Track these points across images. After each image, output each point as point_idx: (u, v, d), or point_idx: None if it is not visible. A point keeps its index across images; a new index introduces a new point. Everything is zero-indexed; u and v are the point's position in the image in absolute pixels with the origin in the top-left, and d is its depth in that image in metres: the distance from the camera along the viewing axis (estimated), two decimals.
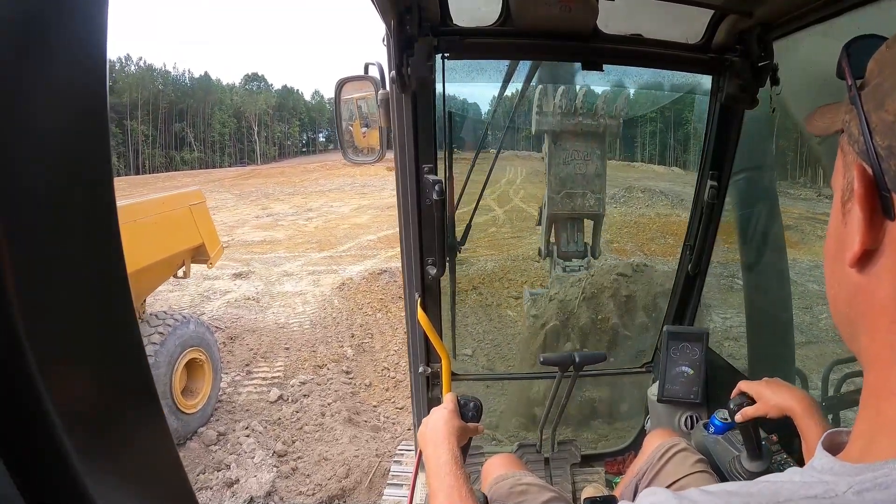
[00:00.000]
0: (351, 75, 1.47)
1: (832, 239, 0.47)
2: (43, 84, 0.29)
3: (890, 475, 0.36)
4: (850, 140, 0.43)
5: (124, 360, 0.37)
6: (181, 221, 4.40)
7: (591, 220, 2.48)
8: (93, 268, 0.34)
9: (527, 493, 1.25)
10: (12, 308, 0.28)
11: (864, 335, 0.43)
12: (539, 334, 3.74)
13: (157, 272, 4.36)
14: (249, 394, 5.04)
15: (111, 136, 0.37)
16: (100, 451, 0.35)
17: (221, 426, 4.42)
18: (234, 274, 8.77)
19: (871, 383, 0.43)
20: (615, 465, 2.03)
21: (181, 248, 4.44)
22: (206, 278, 8.16)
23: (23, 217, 0.29)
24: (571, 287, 3.80)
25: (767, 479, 0.43)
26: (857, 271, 0.42)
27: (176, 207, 4.37)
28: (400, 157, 1.46)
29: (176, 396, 4.12)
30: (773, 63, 1.36)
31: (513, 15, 1.27)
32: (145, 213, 4.07)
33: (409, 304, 1.69)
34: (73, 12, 0.30)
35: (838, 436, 0.48)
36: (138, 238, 3.89)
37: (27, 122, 0.29)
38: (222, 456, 4.06)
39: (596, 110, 2.29)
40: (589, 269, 3.18)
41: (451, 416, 0.98)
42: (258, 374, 5.40)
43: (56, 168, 0.31)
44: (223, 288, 8.06)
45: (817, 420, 1.03)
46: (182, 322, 4.31)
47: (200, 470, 3.90)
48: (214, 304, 7.34)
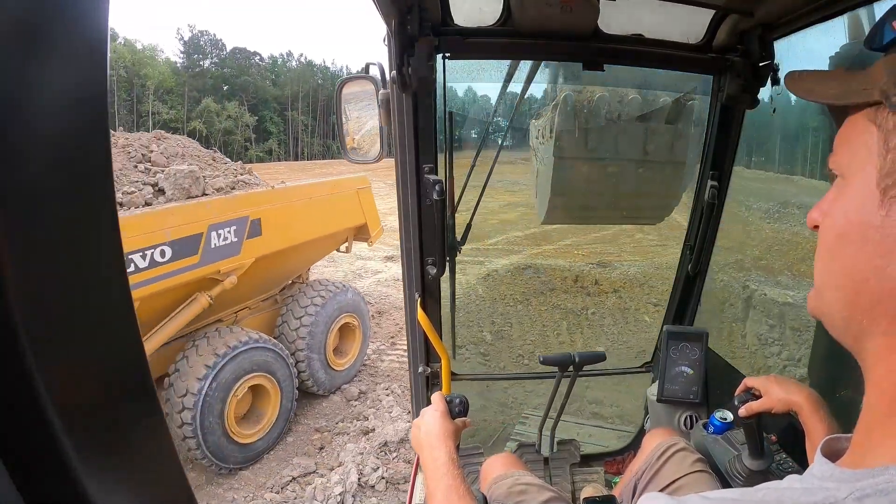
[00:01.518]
0: (351, 75, 1.47)
1: (854, 227, 0.41)
2: (43, 83, 0.29)
3: (891, 481, 0.35)
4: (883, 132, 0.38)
5: (124, 360, 0.37)
6: (348, 202, 5.04)
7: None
8: (93, 267, 0.34)
9: (526, 493, 1.25)
10: (12, 308, 0.28)
11: (881, 336, 0.40)
12: None
13: (323, 244, 5.08)
14: (392, 362, 5.59)
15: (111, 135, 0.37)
16: (99, 451, 0.35)
17: (363, 386, 5.02)
18: (386, 257, 9.51)
19: (878, 383, 0.41)
20: (615, 465, 2.03)
21: (346, 226, 5.10)
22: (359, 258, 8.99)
23: (22, 216, 0.29)
24: None
25: (768, 486, 0.42)
26: None
27: (345, 190, 5.05)
28: (400, 157, 1.46)
29: (328, 354, 4.82)
30: (773, 63, 1.36)
31: (514, 15, 1.26)
32: (319, 193, 4.74)
33: (409, 304, 1.69)
34: (74, 11, 0.30)
35: (837, 442, 0.47)
36: (311, 213, 4.56)
37: (27, 122, 0.29)
38: (361, 409, 4.62)
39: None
40: None
41: (443, 417, 1.00)
42: (401, 346, 5.84)
43: (56, 167, 0.31)
44: (374, 268, 8.94)
45: (823, 416, 1.00)
46: (341, 290, 5.04)
47: (340, 419, 4.51)
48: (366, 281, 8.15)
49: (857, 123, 0.42)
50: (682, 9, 1.29)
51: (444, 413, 1.01)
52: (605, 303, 6.49)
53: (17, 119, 0.28)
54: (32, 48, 0.28)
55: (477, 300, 7.02)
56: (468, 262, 8.75)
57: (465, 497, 0.82)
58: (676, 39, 1.42)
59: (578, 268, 7.58)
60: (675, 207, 1.89)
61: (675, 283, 1.89)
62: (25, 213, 0.29)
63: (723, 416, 1.44)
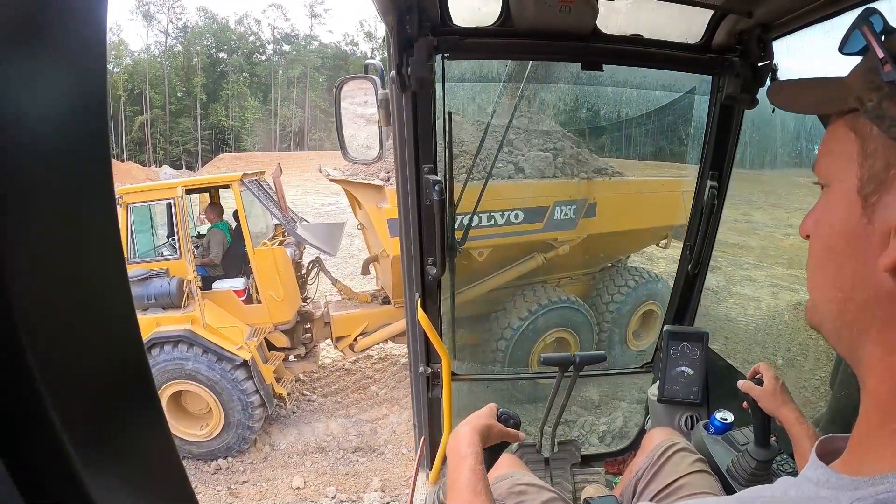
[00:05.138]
0: (351, 75, 1.47)
1: (840, 237, 0.42)
2: (42, 83, 0.29)
3: (891, 490, 0.34)
4: (880, 122, 0.38)
5: (125, 360, 0.37)
6: (673, 202, 5.22)
7: None
8: (93, 266, 0.34)
9: (526, 494, 1.25)
10: (12, 307, 0.28)
11: (871, 345, 0.40)
12: None
13: (645, 237, 5.57)
14: None
15: (110, 134, 0.37)
16: (100, 451, 0.35)
17: None
18: None
19: (874, 391, 0.40)
20: (615, 465, 2.03)
21: (668, 223, 5.39)
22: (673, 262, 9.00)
23: (22, 216, 0.29)
24: None
25: (762, 494, 0.42)
26: (892, 275, 0.37)
27: (672, 190, 5.34)
28: (400, 157, 1.46)
29: (628, 333, 5.29)
30: (772, 63, 1.36)
31: (512, 15, 1.26)
32: (649, 189, 5.32)
33: (410, 304, 1.69)
34: (74, 11, 0.30)
35: (832, 442, 0.45)
36: (640, 206, 5.06)
37: (27, 122, 0.29)
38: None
39: None
40: None
41: (485, 413, 0.96)
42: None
43: (56, 167, 0.31)
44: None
45: (808, 427, 1.07)
46: (653, 279, 5.45)
47: None
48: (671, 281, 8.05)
49: (837, 131, 0.42)
50: (680, 9, 1.29)
51: (489, 414, 0.97)
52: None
53: (17, 118, 0.28)
54: (31, 46, 0.28)
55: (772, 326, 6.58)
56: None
57: (481, 478, 0.83)
58: (675, 40, 1.43)
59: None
60: None
61: (675, 283, 1.89)
62: (25, 212, 0.29)
63: (723, 417, 1.44)
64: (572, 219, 4.57)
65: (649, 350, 3.04)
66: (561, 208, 4.49)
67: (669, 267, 8.93)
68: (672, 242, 5.71)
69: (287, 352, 5.10)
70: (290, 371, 5.15)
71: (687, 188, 5.14)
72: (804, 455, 1.04)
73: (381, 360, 5.91)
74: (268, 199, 5.00)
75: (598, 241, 4.89)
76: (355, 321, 5.23)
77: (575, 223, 4.60)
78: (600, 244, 5.03)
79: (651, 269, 6.27)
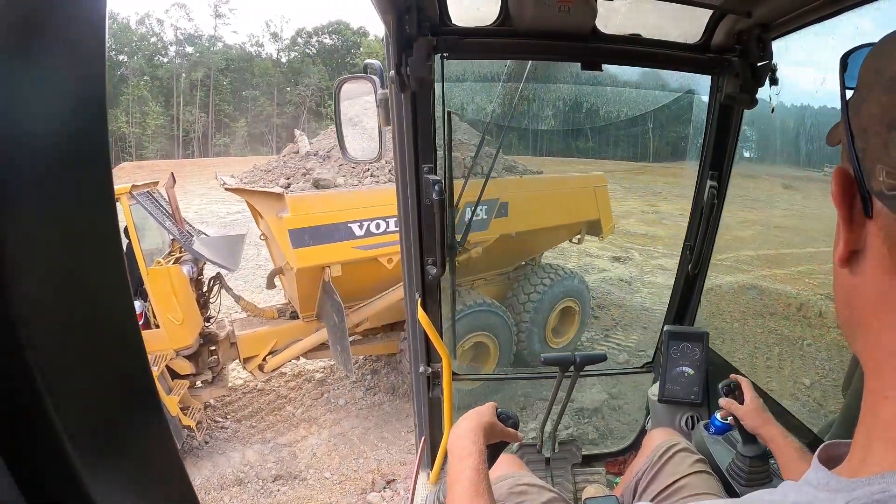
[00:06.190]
0: (350, 75, 1.47)
1: (843, 257, 0.46)
2: (42, 82, 0.29)
3: (887, 490, 0.34)
4: (842, 146, 0.44)
5: (125, 360, 0.37)
6: (585, 198, 5.41)
7: None
8: (93, 266, 0.34)
9: (526, 494, 1.25)
10: (12, 307, 0.28)
11: (861, 337, 0.43)
12: None
13: (559, 233, 5.59)
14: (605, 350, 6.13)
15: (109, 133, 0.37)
16: (100, 451, 0.35)
17: None
18: (613, 257, 9.87)
19: (869, 387, 0.42)
20: (616, 466, 2.03)
21: (581, 219, 5.48)
22: (587, 255, 9.38)
23: (22, 216, 0.29)
24: None
25: (763, 498, 0.42)
26: (849, 272, 0.42)
27: (584, 186, 5.49)
28: (399, 156, 1.46)
29: (547, 331, 5.28)
30: (771, 63, 1.36)
31: (511, 15, 1.27)
32: (560, 187, 5.35)
33: (410, 304, 1.69)
34: (73, 11, 0.30)
35: (835, 448, 0.46)
36: (552, 204, 5.05)
37: (27, 121, 0.28)
38: None
39: None
40: None
41: (486, 411, 0.97)
42: (615, 338, 6.28)
43: (56, 167, 0.31)
44: (601, 266, 9.24)
45: (793, 441, 1.09)
46: (569, 276, 5.47)
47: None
48: (590, 277, 8.32)
49: (842, 160, 0.47)
50: (679, 9, 1.29)
51: (490, 411, 0.97)
52: (825, 337, 6.14)
53: (17, 119, 0.28)
54: (31, 47, 0.28)
55: None
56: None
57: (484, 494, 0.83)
58: (674, 39, 1.43)
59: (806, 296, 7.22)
60: None
61: (675, 283, 1.89)
62: (25, 212, 0.29)
63: (724, 417, 1.44)
64: (485, 219, 4.43)
65: (650, 350, 3.03)
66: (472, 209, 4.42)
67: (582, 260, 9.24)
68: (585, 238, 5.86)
69: (192, 378, 4.56)
70: (198, 399, 4.65)
71: (599, 183, 5.59)
72: (796, 468, 1.03)
73: (294, 377, 5.61)
74: (161, 213, 4.51)
75: (511, 241, 4.80)
76: (263, 340, 4.76)
77: (488, 224, 4.46)
78: (514, 244, 4.93)
79: (565, 264, 6.38)
